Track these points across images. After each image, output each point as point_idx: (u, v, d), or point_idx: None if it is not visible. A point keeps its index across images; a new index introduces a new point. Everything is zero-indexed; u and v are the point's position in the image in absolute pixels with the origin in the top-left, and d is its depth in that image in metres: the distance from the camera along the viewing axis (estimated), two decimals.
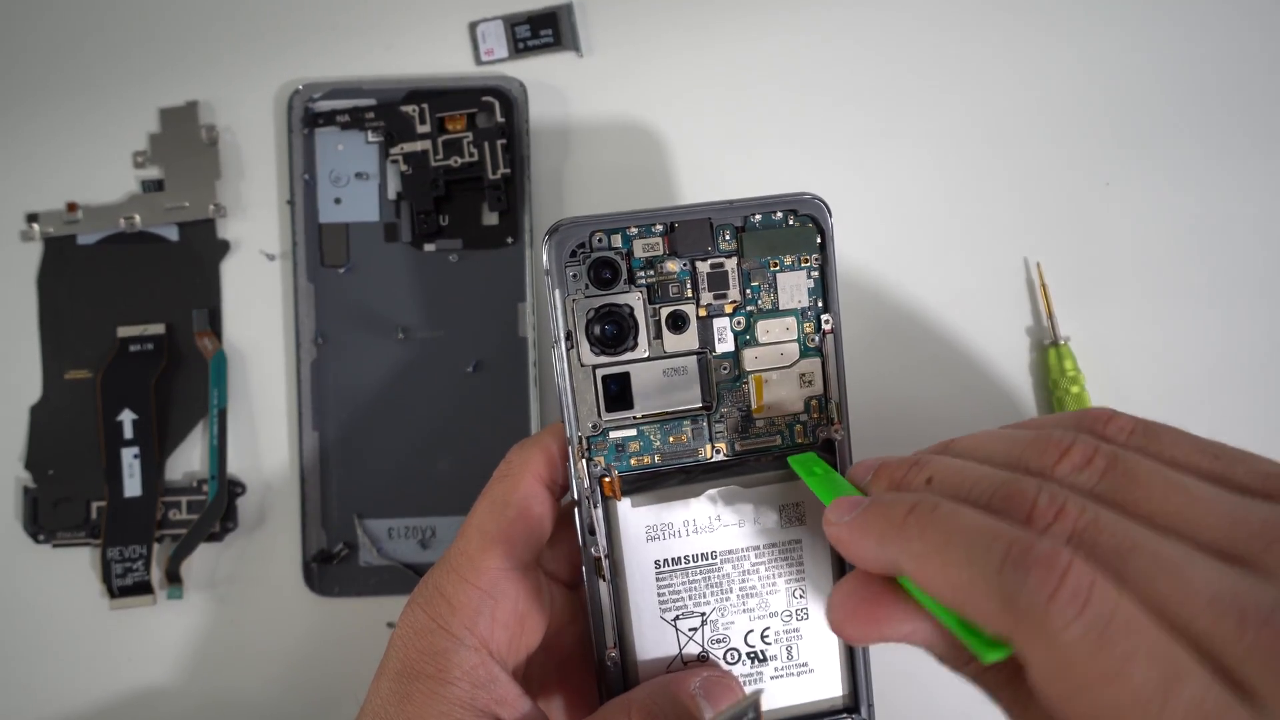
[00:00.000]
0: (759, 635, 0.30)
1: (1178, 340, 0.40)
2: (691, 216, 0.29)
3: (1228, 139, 0.41)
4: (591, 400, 0.29)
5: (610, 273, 0.28)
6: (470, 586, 0.28)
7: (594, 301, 0.28)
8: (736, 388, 0.29)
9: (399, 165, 0.40)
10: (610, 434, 0.29)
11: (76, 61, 0.41)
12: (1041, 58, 0.41)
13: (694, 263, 0.29)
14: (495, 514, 0.29)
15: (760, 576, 0.30)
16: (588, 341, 0.28)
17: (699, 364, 0.29)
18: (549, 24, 0.40)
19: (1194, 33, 0.41)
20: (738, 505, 0.29)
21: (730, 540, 0.30)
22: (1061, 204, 0.40)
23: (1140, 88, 0.41)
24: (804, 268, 0.29)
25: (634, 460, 0.29)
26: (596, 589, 0.29)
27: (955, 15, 0.41)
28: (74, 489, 0.40)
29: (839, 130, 0.41)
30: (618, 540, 0.29)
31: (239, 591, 0.40)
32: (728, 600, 0.30)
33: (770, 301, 0.29)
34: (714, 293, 0.29)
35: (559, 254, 0.28)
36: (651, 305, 0.29)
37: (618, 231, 0.28)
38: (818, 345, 0.30)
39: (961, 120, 0.41)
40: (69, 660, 0.40)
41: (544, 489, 0.30)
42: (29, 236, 0.41)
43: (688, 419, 0.29)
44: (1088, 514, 0.21)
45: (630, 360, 0.29)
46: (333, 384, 0.40)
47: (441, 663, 0.27)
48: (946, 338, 0.40)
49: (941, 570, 0.21)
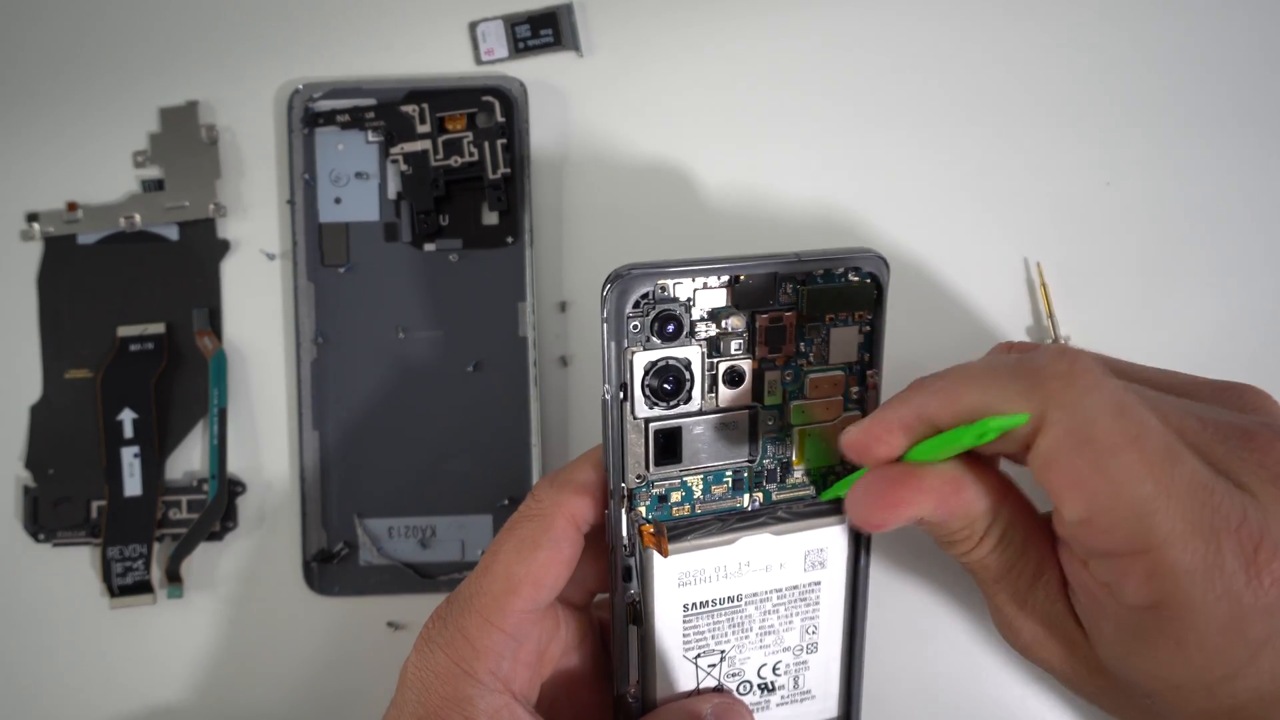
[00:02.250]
0: (771, 669, 0.31)
1: (1178, 340, 0.40)
2: (758, 269, 0.28)
3: (1229, 139, 0.41)
4: (640, 453, 0.28)
5: (674, 327, 0.27)
6: (495, 630, 0.28)
7: (653, 355, 0.27)
8: (781, 441, 0.30)
9: (399, 165, 0.40)
10: (654, 485, 0.29)
11: (76, 61, 0.41)
12: (1041, 57, 0.41)
13: (754, 315, 0.28)
14: (524, 556, 0.28)
15: (780, 616, 0.31)
16: (643, 394, 0.28)
17: (750, 420, 0.29)
18: (549, 24, 0.40)
19: (1195, 33, 0.41)
20: (767, 552, 0.30)
21: (755, 584, 0.30)
22: (1061, 204, 0.40)
23: (1141, 87, 0.41)
24: (856, 324, 0.29)
25: (675, 510, 0.29)
26: (624, 630, 0.29)
27: (955, 16, 0.41)
28: (74, 488, 0.40)
29: (839, 130, 0.41)
30: (651, 587, 0.29)
31: (239, 591, 0.40)
32: (747, 638, 0.30)
33: (821, 355, 0.29)
34: (769, 346, 0.29)
35: (619, 303, 0.27)
36: (709, 359, 0.28)
37: (681, 281, 0.27)
38: (859, 398, 0.30)
39: (961, 120, 0.41)
40: (69, 659, 0.40)
41: (576, 530, 0.29)
42: (29, 236, 0.41)
43: (730, 471, 0.29)
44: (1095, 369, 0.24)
45: (683, 415, 0.28)
46: (333, 384, 0.40)
47: (467, 710, 0.27)
48: (946, 337, 0.40)
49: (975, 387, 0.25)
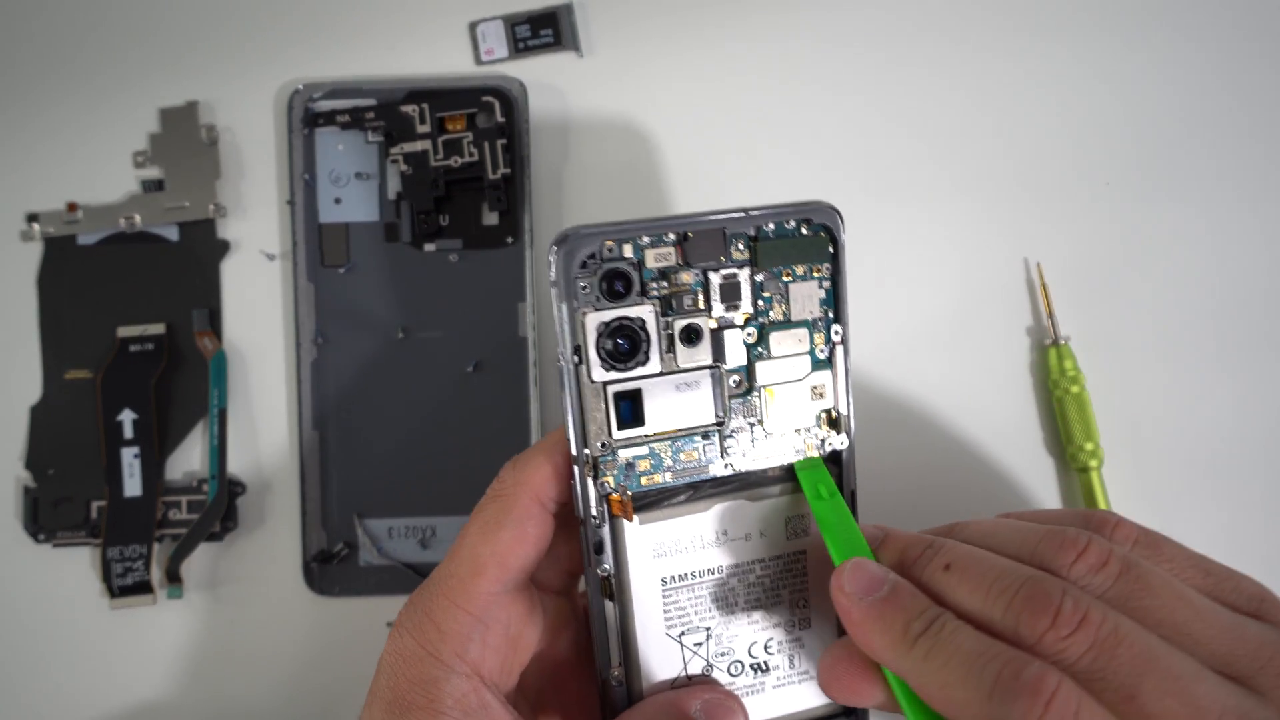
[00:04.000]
0: (762, 646, 0.30)
1: (1178, 339, 0.40)
2: (705, 226, 0.28)
3: (1228, 139, 0.41)
4: (601, 418, 0.28)
5: (623, 285, 0.27)
6: (461, 612, 0.27)
7: (605, 315, 0.27)
8: (748, 401, 0.29)
9: (399, 165, 0.40)
10: (620, 452, 0.28)
11: (76, 61, 0.41)
12: (1042, 58, 0.41)
13: (707, 273, 0.28)
14: (488, 537, 0.28)
15: (765, 589, 0.29)
16: (598, 357, 0.27)
17: (712, 379, 0.28)
18: (549, 24, 0.40)
19: (1194, 35, 0.41)
20: (745, 519, 0.29)
21: (737, 555, 0.29)
22: (1061, 204, 0.40)
23: (1140, 88, 0.41)
24: (815, 278, 0.29)
25: (644, 479, 0.28)
26: (602, 609, 0.28)
27: (956, 18, 0.41)
28: (74, 489, 0.40)
29: (839, 130, 0.41)
30: (624, 559, 0.28)
31: (239, 591, 0.40)
32: (733, 614, 0.29)
33: (782, 313, 0.29)
34: (726, 304, 0.28)
35: (568, 265, 0.27)
36: (664, 318, 0.28)
37: (628, 241, 0.27)
38: (827, 356, 0.29)
39: (961, 121, 0.41)
40: (69, 659, 0.40)
41: (541, 508, 0.29)
42: (29, 236, 0.41)
43: (698, 435, 0.29)
44: (1109, 623, 0.22)
45: (642, 376, 0.28)
46: (333, 384, 0.40)
47: (433, 692, 0.27)
48: (946, 338, 0.40)
49: (940, 689, 0.23)
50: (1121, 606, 0.23)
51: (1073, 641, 0.22)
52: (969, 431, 0.40)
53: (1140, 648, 0.22)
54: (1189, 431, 0.40)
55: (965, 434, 0.40)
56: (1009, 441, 0.40)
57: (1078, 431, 0.39)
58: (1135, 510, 0.39)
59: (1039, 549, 0.25)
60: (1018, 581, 0.23)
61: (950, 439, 0.40)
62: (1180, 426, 0.40)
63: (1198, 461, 0.40)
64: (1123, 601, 0.23)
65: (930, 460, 0.40)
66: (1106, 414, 0.39)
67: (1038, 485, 0.40)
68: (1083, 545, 0.24)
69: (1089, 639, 0.22)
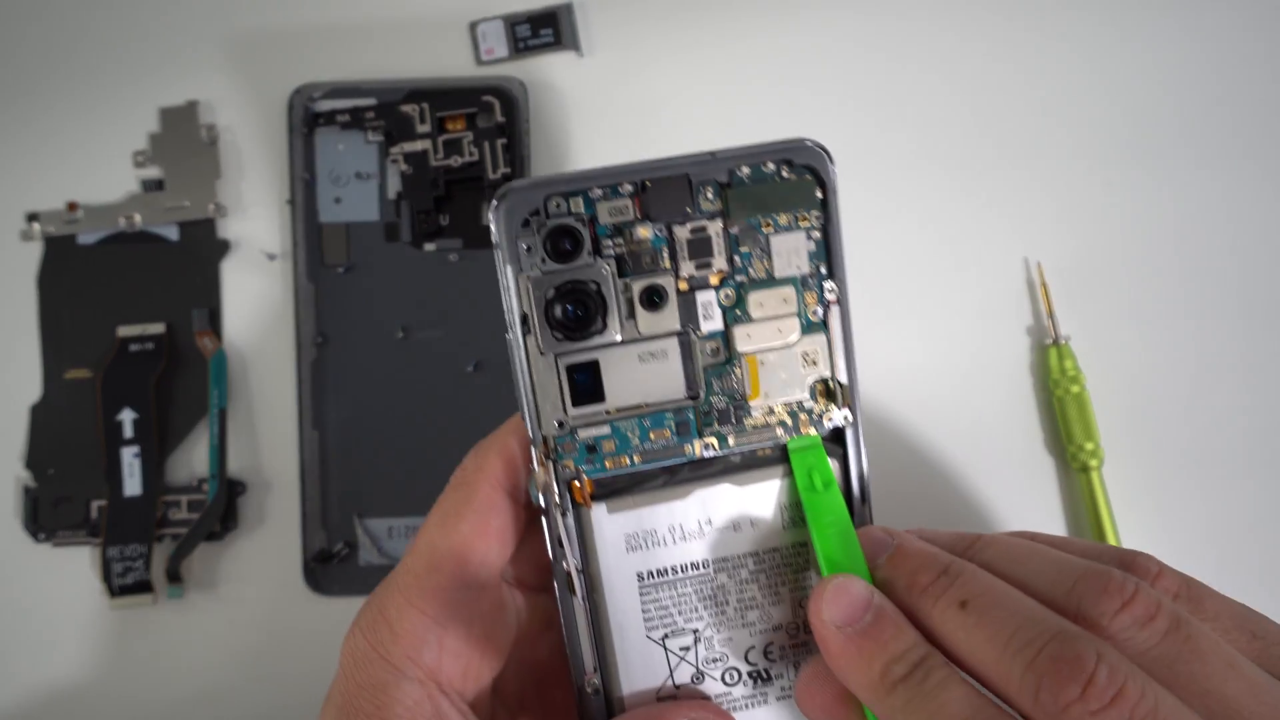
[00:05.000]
0: (761, 652, 0.26)
1: (1178, 338, 0.40)
2: (666, 173, 0.24)
3: (1227, 139, 0.41)
4: (555, 395, 0.24)
5: (570, 243, 0.24)
6: (415, 612, 0.25)
7: (553, 279, 0.24)
8: (727, 372, 0.25)
9: (399, 165, 0.40)
10: (580, 432, 0.25)
11: (77, 61, 0.41)
12: (1042, 58, 0.41)
13: (670, 228, 0.24)
14: (447, 530, 0.26)
15: (761, 586, 0.26)
16: (548, 325, 0.24)
17: (681, 346, 0.25)
18: (549, 24, 0.40)
19: (1194, 34, 0.41)
20: (731, 506, 0.25)
21: (725, 547, 0.25)
22: (1061, 204, 0.40)
23: (1140, 88, 0.41)
24: (802, 228, 0.25)
25: (609, 462, 0.25)
26: (571, 608, 0.25)
27: (955, 16, 0.41)
28: (74, 488, 0.40)
29: (839, 130, 0.41)
30: (593, 552, 0.25)
31: (239, 591, 0.40)
32: (724, 614, 0.26)
33: (764, 270, 0.25)
34: (696, 262, 0.24)
35: (509, 224, 0.24)
36: (622, 280, 0.24)
37: (578, 195, 0.24)
38: (821, 319, 0.25)
39: (962, 121, 0.41)
40: (69, 659, 0.40)
41: (504, 496, 0.26)
42: (29, 236, 0.41)
43: (670, 412, 0.25)
44: (1148, 700, 0.19)
45: (599, 345, 0.24)
46: (333, 384, 0.40)
47: (381, 698, 0.24)
48: (946, 337, 0.40)
49: None
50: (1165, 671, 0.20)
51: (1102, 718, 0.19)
52: (969, 431, 0.40)
53: None
54: (1189, 431, 0.40)
55: (965, 434, 0.40)
56: (1009, 441, 0.40)
57: (1078, 431, 0.39)
58: (1135, 510, 0.39)
59: (1076, 589, 0.21)
60: (1045, 635, 0.20)
61: (950, 439, 0.40)
62: (1180, 426, 0.40)
63: (1198, 461, 0.40)
64: (1167, 665, 0.20)
65: (930, 460, 0.40)
66: (1106, 414, 0.39)
67: (1038, 485, 0.40)
68: (1130, 593, 0.21)
69: (1121, 716, 0.19)
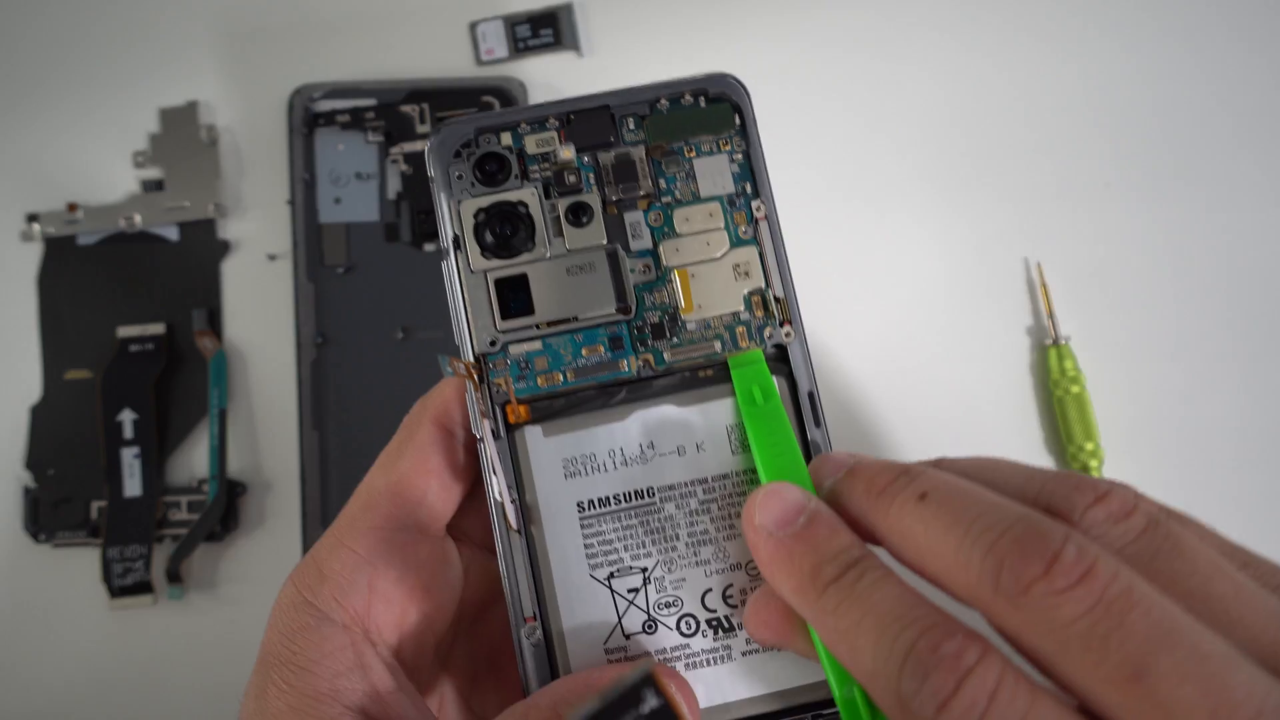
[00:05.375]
0: (720, 595, 0.24)
1: (1178, 339, 0.40)
2: (588, 105, 0.25)
3: (1227, 139, 0.41)
4: (486, 311, 0.25)
5: (497, 166, 0.25)
6: (345, 550, 0.23)
7: (481, 201, 0.25)
8: (659, 287, 0.25)
9: (399, 165, 0.40)
10: (511, 349, 0.25)
11: (77, 61, 0.41)
12: (1042, 59, 0.41)
13: (596, 154, 0.25)
14: (386, 468, 0.24)
15: (713, 517, 0.24)
16: (478, 246, 0.25)
17: (609, 259, 0.25)
18: (549, 24, 0.40)
19: (1193, 37, 0.41)
20: (675, 429, 0.24)
21: (670, 473, 0.24)
22: (1061, 204, 0.40)
23: (1140, 89, 0.41)
24: (725, 152, 0.26)
25: (541, 379, 0.25)
26: (507, 543, 0.24)
27: (956, 18, 0.41)
28: (74, 489, 0.40)
29: (839, 130, 0.41)
30: (528, 478, 0.24)
31: (239, 591, 0.40)
32: (674, 550, 0.24)
33: (689, 192, 0.25)
34: (622, 186, 0.25)
35: (441, 155, 0.25)
36: (548, 201, 0.25)
37: (508, 130, 0.25)
38: (752, 235, 0.25)
39: (963, 122, 0.41)
40: (69, 660, 0.40)
41: (448, 435, 0.24)
42: (29, 236, 0.41)
43: (603, 327, 0.25)
44: (1121, 581, 0.17)
45: (528, 262, 0.25)
46: (333, 384, 0.40)
47: (298, 644, 0.22)
48: (946, 337, 0.40)
49: (849, 653, 0.19)
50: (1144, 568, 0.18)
51: (1069, 597, 0.17)
52: (969, 431, 0.40)
53: (1159, 616, 0.16)
54: (1189, 431, 0.40)
55: (965, 433, 0.40)
56: (1009, 441, 0.40)
57: (1078, 431, 0.39)
58: None
59: (1045, 488, 0.19)
60: (1008, 519, 0.18)
61: (950, 438, 0.40)
62: (1180, 426, 0.40)
63: (1198, 461, 0.40)
64: (1146, 561, 0.18)
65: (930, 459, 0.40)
66: (1106, 414, 0.39)
67: None
68: (1103, 490, 0.19)
69: (1091, 595, 0.17)
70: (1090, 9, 0.41)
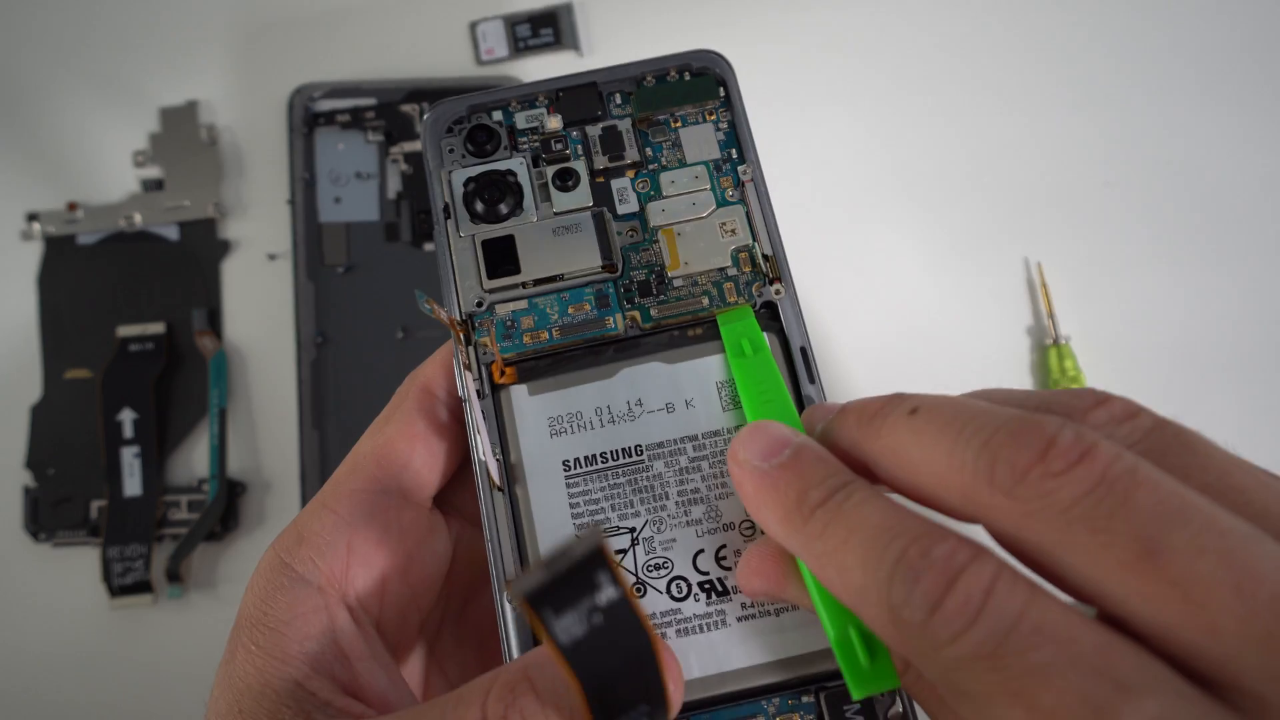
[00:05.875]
0: (713, 557, 0.23)
1: (1178, 339, 0.40)
2: (576, 83, 0.26)
3: (1227, 139, 0.41)
4: (474, 271, 0.25)
5: (486, 136, 0.26)
6: (326, 512, 0.22)
7: (471, 170, 0.25)
8: (645, 247, 0.25)
9: (399, 165, 0.40)
10: (498, 309, 0.25)
11: (77, 61, 0.41)
12: (1042, 60, 0.41)
13: (584, 127, 0.26)
14: (372, 435, 0.24)
15: (704, 475, 0.23)
16: (468, 214, 0.25)
17: (594, 219, 0.25)
18: (549, 24, 0.40)
19: (1193, 37, 0.41)
20: (663, 386, 0.24)
21: (658, 430, 0.23)
22: (1061, 204, 0.40)
23: (1140, 88, 0.41)
24: (710, 122, 0.26)
25: (527, 337, 0.24)
26: (491, 503, 0.23)
27: (956, 19, 0.41)
28: (74, 489, 0.40)
29: (840, 131, 0.41)
30: (513, 437, 0.23)
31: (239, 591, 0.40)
32: (664, 510, 0.23)
33: (676, 159, 0.26)
34: (609, 155, 0.26)
35: (434, 131, 0.26)
36: (536, 169, 0.26)
37: (499, 108, 0.26)
38: (739, 198, 0.25)
39: (962, 122, 0.41)
40: (69, 659, 0.40)
41: (436, 402, 0.24)
42: (29, 236, 0.41)
43: (589, 286, 0.25)
44: (1124, 461, 0.16)
45: (515, 225, 0.25)
46: (333, 384, 0.40)
47: (271, 605, 0.21)
48: (946, 338, 0.40)
49: (838, 574, 0.18)
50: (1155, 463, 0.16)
51: (1068, 479, 0.16)
52: None
53: (1167, 493, 0.15)
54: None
55: None
56: None
57: None
58: None
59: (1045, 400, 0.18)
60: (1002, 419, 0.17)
61: None
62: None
63: None
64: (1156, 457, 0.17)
65: None
66: None
67: None
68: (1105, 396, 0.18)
69: (1092, 475, 0.15)
70: (1091, 9, 0.41)
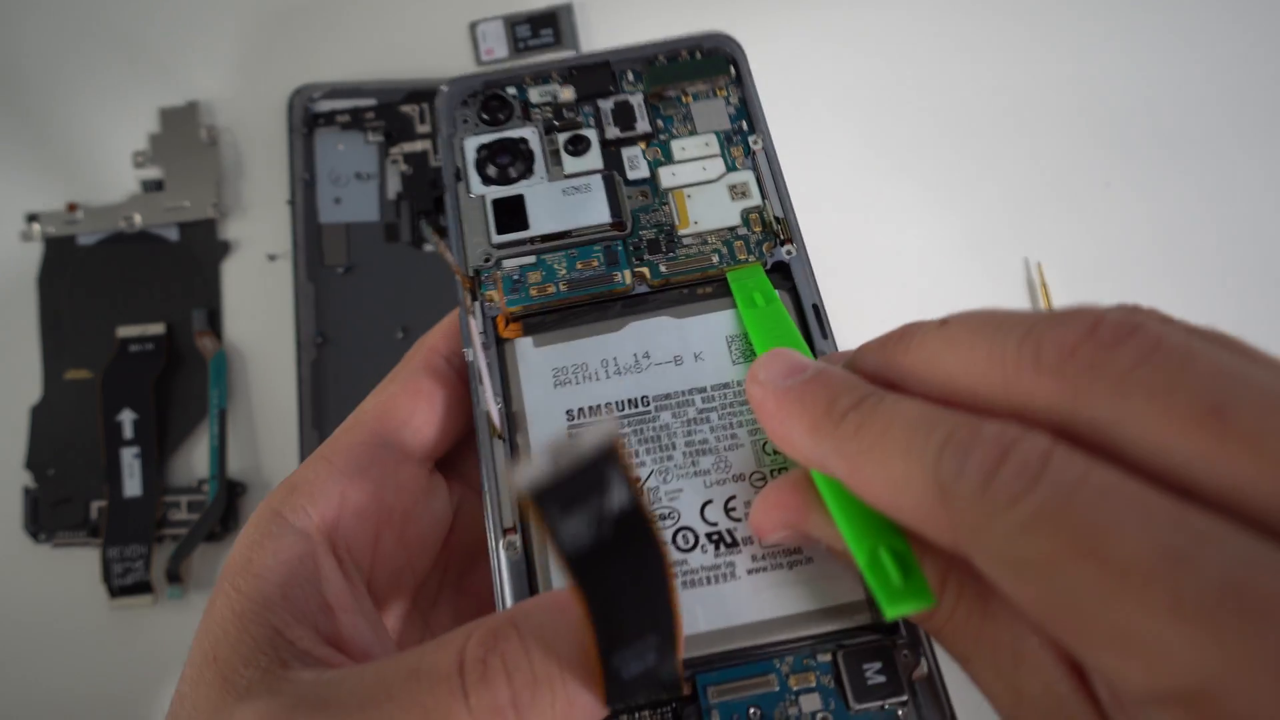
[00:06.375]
0: (721, 508, 0.22)
1: None
2: (590, 61, 0.27)
3: (1227, 140, 0.41)
4: (483, 228, 0.25)
5: (500, 105, 0.26)
6: (321, 462, 0.22)
7: (483, 137, 0.26)
8: (655, 209, 0.25)
9: (399, 165, 0.40)
10: (505, 264, 0.24)
11: (77, 61, 0.41)
12: (1043, 60, 0.41)
13: (596, 101, 0.26)
14: (376, 394, 0.23)
15: (713, 426, 0.23)
16: (479, 177, 0.25)
17: (604, 180, 0.25)
18: (549, 24, 0.40)
19: (1192, 37, 0.41)
20: (672, 339, 0.23)
21: (666, 382, 0.23)
22: (1061, 204, 0.40)
23: (1140, 90, 0.41)
24: (721, 98, 0.27)
25: (534, 290, 0.24)
26: (490, 452, 0.22)
27: (957, 19, 0.41)
28: (74, 489, 0.40)
29: (840, 131, 0.41)
30: (517, 386, 0.23)
31: None
32: (670, 460, 0.22)
33: (687, 131, 0.26)
34: (620, 126, 0.26)
35: (450, 103, 0.26)
36: (548, 137, 0.26)
37: (513, 84, 0.26)
38: (750, 166, 0.26)
39: (962, 122, 0.41)
40: (69, 660, 0.40)
41: (443, 362, 0.24)
42: (29, 236, 0.41)
43: (598, 244, 0.24)
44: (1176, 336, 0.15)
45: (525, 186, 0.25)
46: (333, 384, 0.40)
47: (256, 551, 0.20)
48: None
49: (877, 468, 0.17)
50: None
51: (1122, 350, 0.15)
52: None
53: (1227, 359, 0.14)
54: None
55: None
56: None
57: None
58: None
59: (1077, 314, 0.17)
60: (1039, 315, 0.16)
61: None
62: None
63: None
64: None
65: None
66: None
67: None
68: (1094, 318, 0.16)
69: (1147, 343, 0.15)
70: (1090, 9, 0.41)
